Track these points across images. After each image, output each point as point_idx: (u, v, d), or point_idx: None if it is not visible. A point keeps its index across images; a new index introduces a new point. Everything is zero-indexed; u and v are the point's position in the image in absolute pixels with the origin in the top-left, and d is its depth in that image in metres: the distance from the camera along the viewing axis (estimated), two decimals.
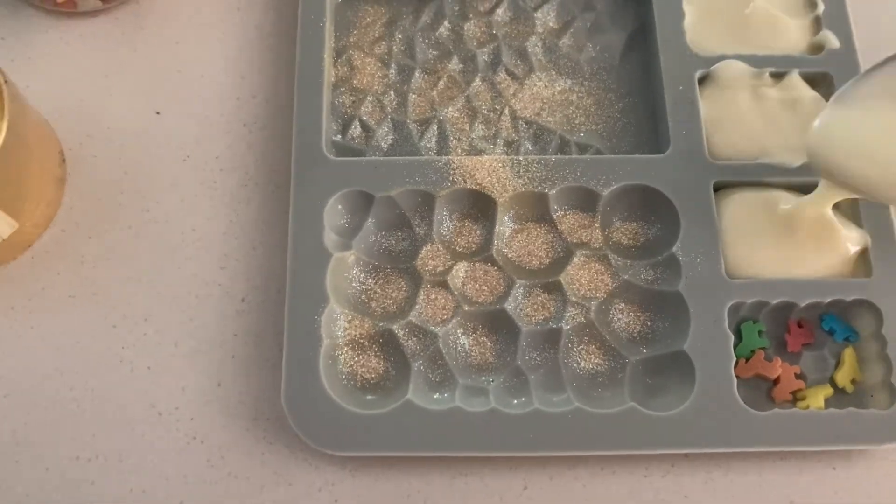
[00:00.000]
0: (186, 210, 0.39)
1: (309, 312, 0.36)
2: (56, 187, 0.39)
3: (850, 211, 0.38)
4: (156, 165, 0.40)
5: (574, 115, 0.41)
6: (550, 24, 0.42)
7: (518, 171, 0.38)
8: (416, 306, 0.37)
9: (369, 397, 0.36)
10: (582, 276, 0.37)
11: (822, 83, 0.40)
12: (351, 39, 0.42)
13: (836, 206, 0.38)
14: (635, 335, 0.37)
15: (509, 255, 0.38)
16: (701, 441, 0.34)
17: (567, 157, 0.39)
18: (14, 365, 0.37)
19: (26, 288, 0.38)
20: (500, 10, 0.43)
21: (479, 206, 0.38)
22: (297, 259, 0.37)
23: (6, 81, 0.35)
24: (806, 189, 0.38)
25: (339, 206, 0.38)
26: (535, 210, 0.38)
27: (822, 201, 0.36)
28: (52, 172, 0.39)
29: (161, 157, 0.40)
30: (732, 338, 0.35)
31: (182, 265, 0.38)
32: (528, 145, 0.40)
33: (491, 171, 0.38)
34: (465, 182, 0.38)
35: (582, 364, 0.37)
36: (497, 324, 0.37)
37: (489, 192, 0.38)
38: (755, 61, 0.40)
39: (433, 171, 0.38)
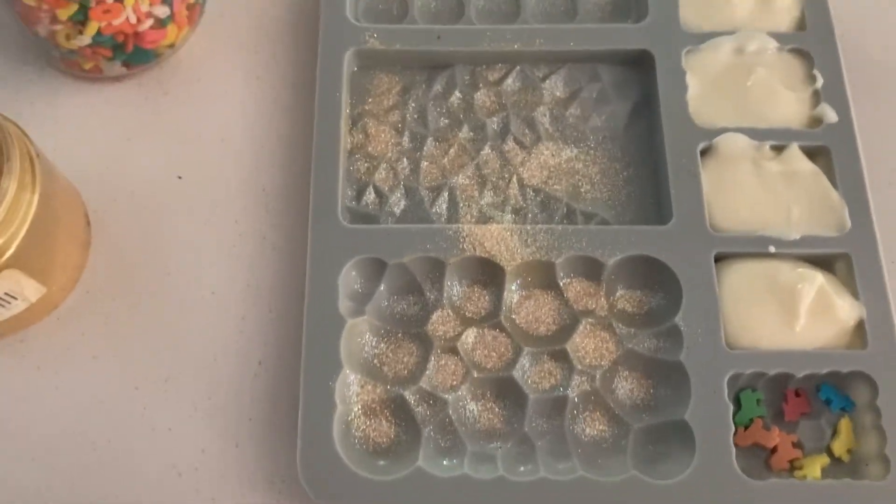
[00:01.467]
0: (206, 273, 0.41)
1: (324, 378, 0.37)
2: (82, 251, 0.40)
3: (847, 281, 0.39)
4: (177, 228, 0.42)
5: (580, 184, 0.42)
6: (557, 94, 0.44)
7: (526, 240, 0.39)
8: (427, 371, 0.38)
9: (381, 462, 0.37)
10: (588, 345, 0.39)
11: (820, 156, 0.41)
12: (366, 107, 0.44)
13: (831, 273, 0.39)
14: (638, 403, 0.38)
15: (517, 322, 0.39)
16: None
17: (573, 226, 0.40)
18: (39, 423, 0.38)
19: (52, 348, 0.39)
20: (509, 80, 0.44)
21: (488, 273, 0.40)
22: (312, 324, 0.38)
23: (38, 155, 0.36)
24: (805, 260, 0.39)
25: (354, 273, 0.39)
26: (543, 278, 0.40)
27: (814, 277, 0.38)
28: (78, 237, 0.40)
29: (182, 220, 0.42)
30: (732, 408, 0.37)
31: (201, 327, 0.40)
32: (536, 212, 0.42)
33: (499, 239, 0.40)
34: (475, 250, 0.39)
35: (587, 431, 0.38)
36: (505, 390, 0.38)
37: (497, 261, 0.39)
38: (756, 134, 0.41)
39: (444, 238, 0.40)
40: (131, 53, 0.43)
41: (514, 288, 0.40)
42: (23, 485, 0.37)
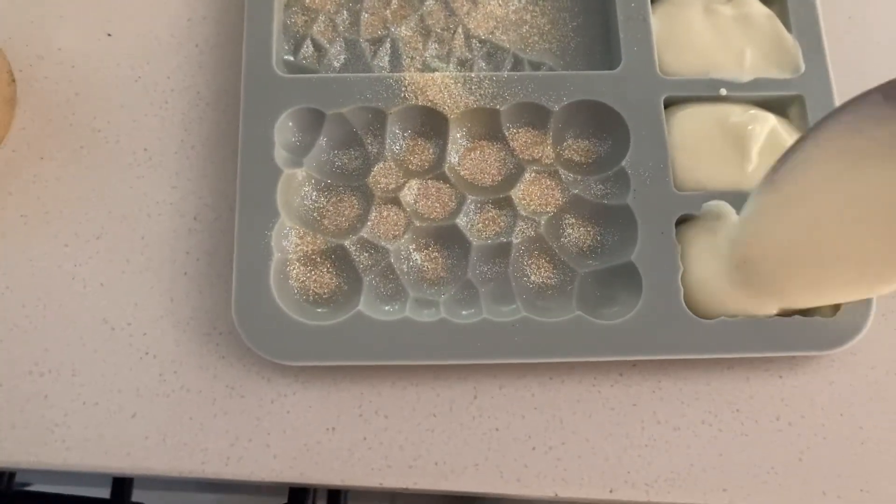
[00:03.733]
0: (138, 130, 0.39)
1: (259, 227, 0.36)
2: (6, 108, 0.39)
3: (801, 125, 0.39)
4: (107, 86, 0.40)
5: (528, 35, 0.41)
6: None
7: (470, 88, 0.38)
8: (368, 223, 0.37)
9: (321, 310, 0.36)
10: (533, 192, 0.38)
11: (775, 2, 0.40)
12: None
13: (784, 117, 0.39)
14: (585, 249, 0.38)
15: (462, 173, 0.38)
16: (648, 349, 0.35)
17: (518, 73, 0.39)
18: None
19: None
20: None
21: (432, 124, 0.39)
22: (246, 175, 0.37)
23: None
24: (755, 103, 0.39)
25: (290, 124, 0.38)
26: (488, 127, 0.39)
27: (766, 118, 0.37)
28: (1, 94, 0.39)
29: (112, 78, 0.40)
30: (679, 248, 0.36)
31: (133, 184, 0.39)
32: (482, 64, 0.40)
33: (443, 87, 0.38)
34: (417, 99, 0.38)
35: (532, 277, 0.37)
36: (448, 239, 0.37)
37: (441, 109, 0.38)
38: None
39: (385, 88, 0.38)
40: None
41: (458, 138, 0.39)
42: None
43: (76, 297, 0.37)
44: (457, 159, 0.39)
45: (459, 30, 0.41)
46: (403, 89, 0.38)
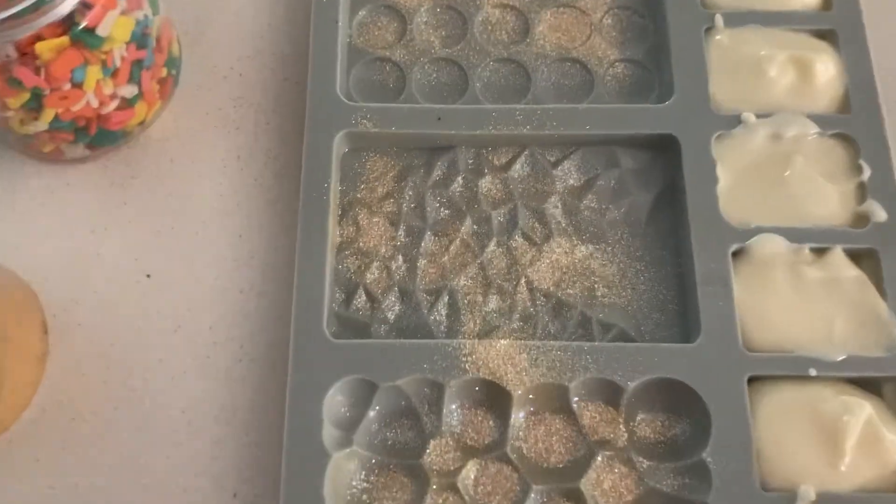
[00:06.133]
0: (176, 389, 0.38)
1: None
2: (36, 366, 0.37)
3: None
4: (145, 337, 0.39)
5: (595, 287, 0.39)
6: (571, 182, 0.41)
7: (535, 359, 0.36)
8: None
9: None
10: (605, 481, 0.35)
11: (867, 260, 0.38)
12: (357, 195, 0.40)
13: (879, 395, 0.36)
14: None
15: (524, 451, 0.36)
16: None
17: (588, 343, 0.37)
18: None
19: (1, 477, 0.36)
20: (517, 166, 0.41)
21: (493, 397, 0.36)
22: (293, 461, 0.35)
23: None
24: (850, 382, 0.36)
25: (340, 397, 0.36)
26: (555, 401, 0.36)
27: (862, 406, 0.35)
28: (32, 351, 0.37)
29: (150, 325, 0.39)
30: None
31: (170, 454, 0.37)
32: (546, 320, 0.38)
33: (506, 358, 0.36)
34: (478, 370, 0.36)
35: None
36: None
37: (504, 384, 0.36)
38: (794, 235, 0.38)
39: (443, 356, 0.36)
40: (96, 136, 0.39)
41: (521, 413, 0.36)
42: None
43: None
44: (520, 435, 0.36)
45: (522, 281, 0.39)
46: (464, 359, 0.36)
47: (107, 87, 0.37)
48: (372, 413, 0.36)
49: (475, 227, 0.40)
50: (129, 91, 0.38)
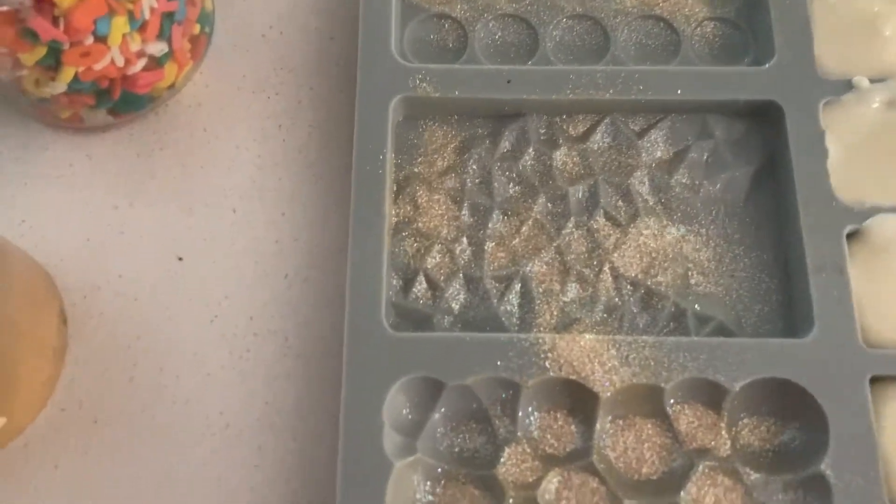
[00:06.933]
0: (213, 387, 0.34)
1: None
2: (54, 360, 0.33)
3: None
4: (175, 326, 0.35)
5: (689, 273, 0.35)
6: (659, 155, 0.36)
7: (626, 357, 0.32)
8: None
9: None
10: (706, 497, 0.31)
11: None
12: (415, 169, 0.36)
13: None
14: None
15: (612, 460, 0.32)
16: None
17: (686, 339, 0.33)
18: None
19: (16, 486, 0.32)
20: (597, 136, 0.36)
21: (576, 399, 0.32)
22: (350, 471, 0.31)
23: None
24: None
25: (402, 397, 0.32)
26: (647, 404, 0.32)
27: None
28: (48, 344, 0.33)
29: (182, 314, 0.35)
30: None
31: (207, 460, 0.33)
32: (634, 312, 0.34)
33: (592, 355, 0.32)
34: (560, 369, 0.32)
35: None
36: None
37: (590, 385, 0.32)
38: None
39: (518, 352, 0.32)
40: (119, 100, 0.35)
41: (609, 417, 0.32)
42: None
43: None
44: (607, 442, 0.32)
45: (605, 268, 0.35)
46: (542, 356, 0.32)
47: (134, 43, 0.33)
48: (437, 416, 0.32)
49: (550, 205, 0.36)
50: (158, 48, 0.34)
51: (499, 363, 0.32)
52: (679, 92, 0.36)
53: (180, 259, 0.35)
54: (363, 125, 0.36)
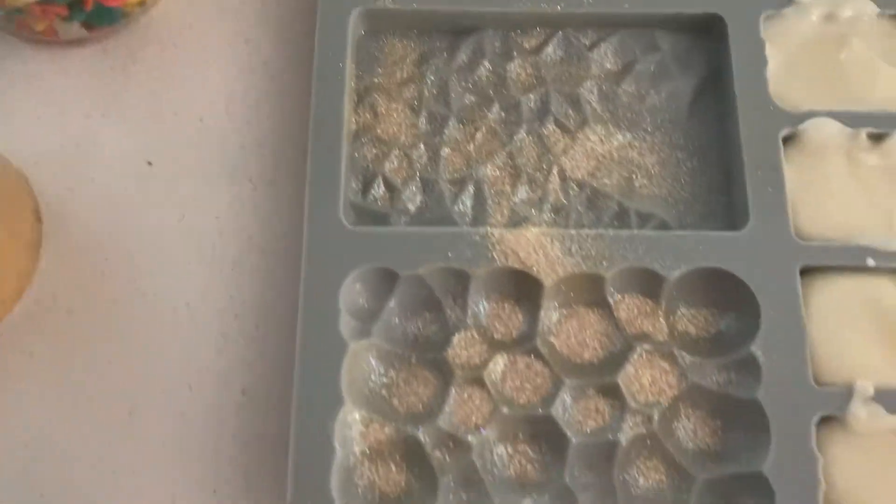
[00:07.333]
0: (180, 281, 0.36)
1: (320, 416, 0.32)
2: (30, 254, 0.35)
3: None
4: (145, 225, 0.37)
5: (634, 177, 0.37)
6: (608, 67, 0.38)
7: (569, 248, 0.34)
8: (446, 407, 0.33)
9: None
10: (643, 377, 0.33)
11: None
12: (375, 80, 0.38)
13: None
14: (704, 449, 0.33)
15: (557, 346, 0.34)
16: None
17: (627, 231, 0.35)
18: None
19: None
20: (549, 49, 0.38)
21: (522, 288, 0.34)
22: (307, 349, 0.33)
23: None
24: None
25: (358, 285, 0.34)
26: (589, 294, 0.34)
27: None
28: (24, 237, 0.35)
29: (152, 215, 0.37)
30: (821, 459, 0.31)
31: (174, 348, 0.35)
32: (581, 211, 0.36)
33: (538, 246, 0.34)
34: (507, 260, 0.34)
35: (641, 483, 0.33)
36: (541, 432, 0.33)
37: (535, 274, 0.34)
38: (851, 119, 0.36)
39: (469, 245, 0.34)
40: (92, 12, 0.37)
41: (553, 305, 0.34)
42: None
43: (105, 486, 0.33)
44: (551, 329, 0.34)
45: (554, 170, 0.37)
46: (491, 248, 0.34)
47: None
48: (392, 304, 0.34)
49: (503, 113, 0.38)
50: None
51: (450, 254, 0.34)
52: (626, 6, 0.38)
53: (150, 164, 0.37)
54: (324, 36, 0.37)
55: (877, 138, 0.36)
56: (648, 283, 0.34)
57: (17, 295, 0.35)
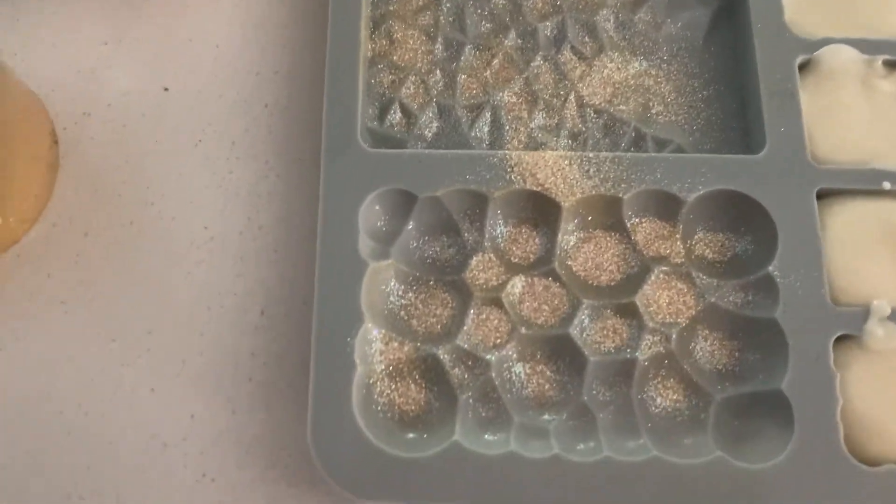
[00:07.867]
0: (197, 204, 0.36)
1: (340, 332, 0.32)
2: (46, 175, 0.35)
3: None
4: (162, 151, 0.37)
5: (650, 104, 0.37)
6: None
7: (587, 171, 0.34)
8: (465, 327, 0.33)
9: (410, 435, 0.32)
10: (661, 297, 0.34)
11: None
12: (391, 7, 0.38)
13: None
14: (721, 368, 0.33)
15: (574, 269, 0.34)
16: (800, 500, 0.31)
17: (645, 154, 0.35)
18: None
19: (11, 292, 0.35)
20: None
21: (540, 211, 0.35)
22: (326, 268, 0.33)
23: None
24: None
25: (377, 207, 0.34)
26: (606, 216, 0.35)
27: None
28: (41, 157, 0.35)
29: (168, 139, 0.37)
30: (838, 376, 0.32)
31: (192, 270, 0.35)
32: (597, 137, 0.36)
33: (555, 169, 0.34)
34: (525, 182, 0.34)
35: (658, 401, 0.33)
36: (560, 351, 0.33)
37: (553, 195, 0.34)
38: (867, 46, 0.36)
39: (487, 167, 0.34)
40: None
41: (570, 228, 0.35)
42: None
43: (123, 404, 0.33)
44: (569, 252, 0.35)
45: (571, 97, 0.37)
46: (509, 170, 0.34)
47: None
48: (410, 226, 0.34)
49: (519, 40, 0.38)
50: None
51: (468, 177, 0.34)
52: None
53: (166, 89, 0.37)
54: None
55: (892, 65, 0.36)
56: (666, 206, 0.34)
57: (35, 215, 0.35)
